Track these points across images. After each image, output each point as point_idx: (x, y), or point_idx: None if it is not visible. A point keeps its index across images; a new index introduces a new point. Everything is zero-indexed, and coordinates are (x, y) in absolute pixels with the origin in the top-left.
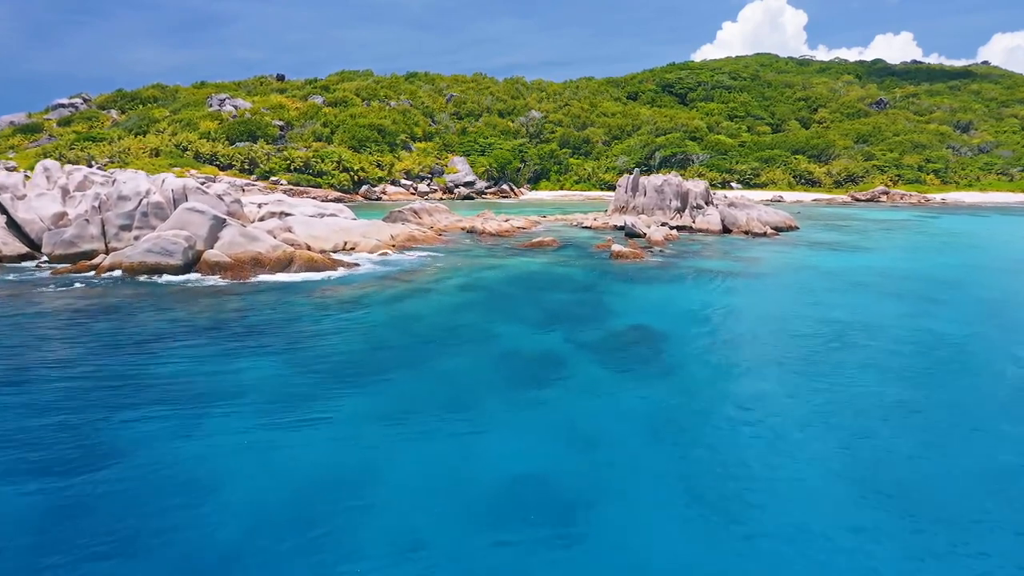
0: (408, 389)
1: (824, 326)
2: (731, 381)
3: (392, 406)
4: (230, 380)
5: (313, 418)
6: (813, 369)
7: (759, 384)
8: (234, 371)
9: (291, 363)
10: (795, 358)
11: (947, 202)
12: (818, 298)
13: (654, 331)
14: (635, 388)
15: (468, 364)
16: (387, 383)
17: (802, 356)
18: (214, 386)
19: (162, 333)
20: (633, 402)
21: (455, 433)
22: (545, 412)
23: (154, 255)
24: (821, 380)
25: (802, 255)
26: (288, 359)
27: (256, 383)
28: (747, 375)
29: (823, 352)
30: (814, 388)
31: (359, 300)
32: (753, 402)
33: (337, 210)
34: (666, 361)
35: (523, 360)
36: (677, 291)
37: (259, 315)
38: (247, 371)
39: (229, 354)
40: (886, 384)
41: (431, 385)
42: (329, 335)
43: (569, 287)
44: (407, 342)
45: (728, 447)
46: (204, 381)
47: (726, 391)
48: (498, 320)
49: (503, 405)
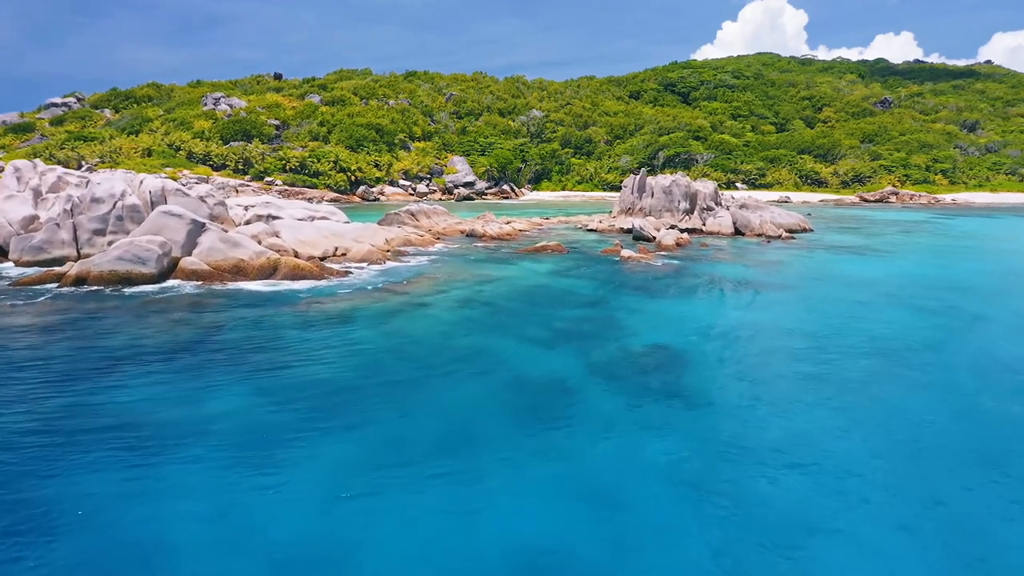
0: (398, 429)
1: (864, 346)
2: (768, 415)
3: (379, 451)
4: (193, 416)
5: (288, 468)
6: (860, 399)
7: (801, 419)
8: (199, 404)
9: (266, 394)
10: (837, 385)
11: (958, 203)
12: (850, 312)
13: (674, 353)
14: (658, 427)
15: (467, 396)
16: (374, 421)
17: (845, 383)
18: (174, 425)
19: (121, 357)
20: (657, 446)
21: (451, 490)
22: (556, 460)
23: (125, 263)
24: (872, 413)
25: (823, 261)
26: (263, 389)
27: (224, 420)
28: (785, 408)
29: (869, 378)
30: (865, 423)
31: (347, 315)
32: (797, 443)
33: (328, 212)
34: (691, 392)
35: (529, 391)
36: (696, 304)
37: (234, 333)
38: (214, 404)
39: (196, 382)
40: (950, 420)
41: (425, 424)
42: (311, 359)
43: (577, 299)
44: (398, 367)
45: (773, 503)
46: (163, 418)
47: (764, 429)
48: (500, 340)
49: (507, 451)
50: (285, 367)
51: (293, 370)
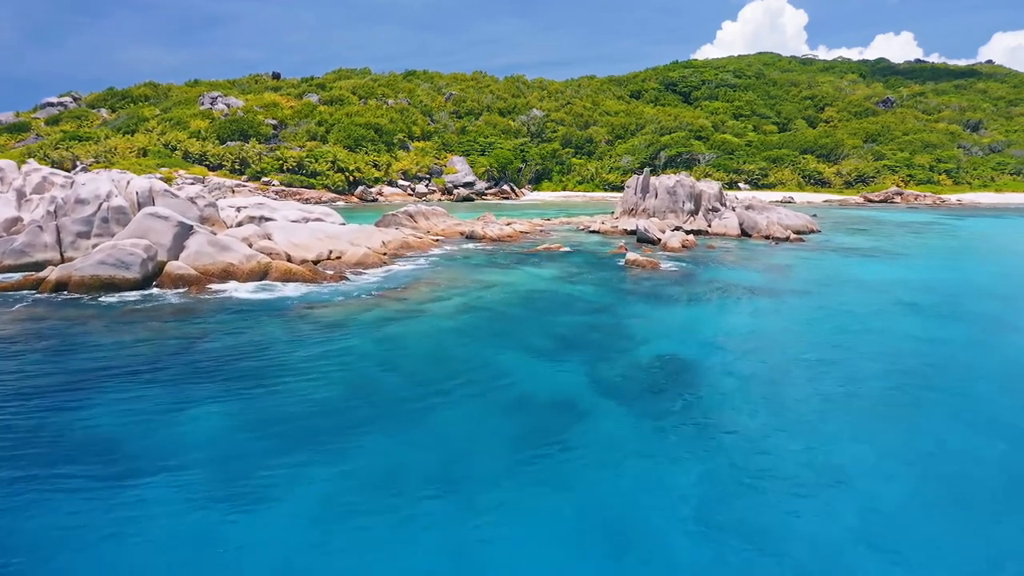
0: (390, 456)
1: (886, 359)
2: (788, 442)
3: (368, 483)
4: (169, 440)
5: (268, 502)
6: (888, 424)
7: (824, 448)
8: (176, 426)
9: (249, 414)
10: (861, 407)
11: (963, 203)
12: (869, 321)
13: (687, 365)
14: (671, 455)
15: (465, 417)
16: (365, 447)
17: (870, 404)
18: (147, 450)
19: (94, 372)
20: (670, 477)
21: (446, 528)
22: (560, 494)
23: (108, 268)
24: (902, 441)
25: (835, 265)
26: (245, 408)
27: (202, 445)
28: (807, 433)
29: (895, 398)
30: (896, 454)
31: (339, 324)
32: (822, 477)
33: (323, 214)
34: (705, 413)
35: (532, 411)
36: (706, 311)
37: (218, 345)
38: (192, 426)
39: (173, 401)
40: (988, 448)
41: (419, 450)
42: (299, 374)
43: (582, 305)
44: (392, 384)
45: (798, 550)
46: (135, 443)
47: (785, 458)
48: (501, 351)
49: (510, 481)
50: (270, 384)
51: (279, 387)
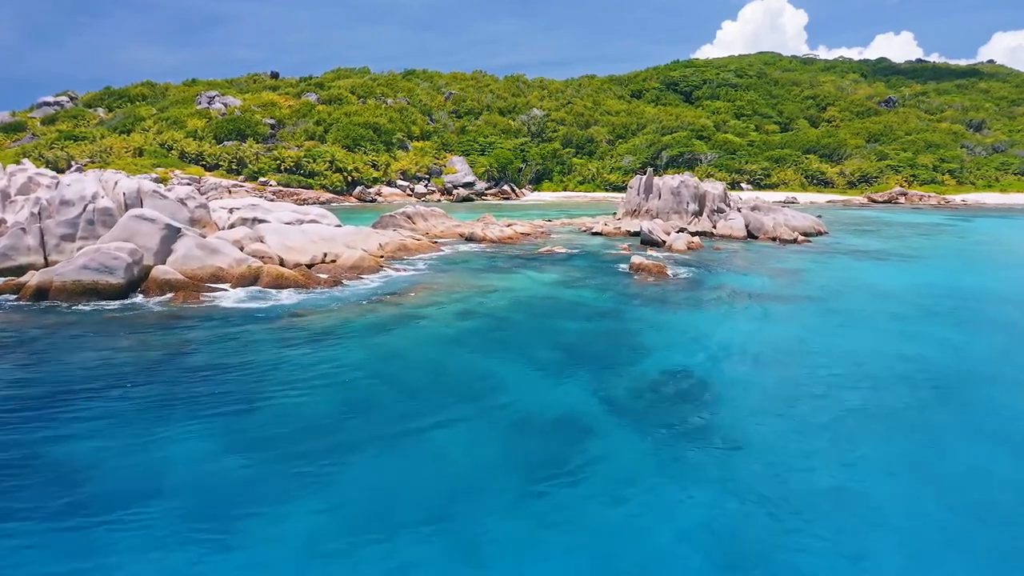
0: (384, 485)
1: (910, 371)
2: (814, 467)
3: (360, 516)
4: (146, 467)
5: (252, 538)
6: (918, 446)
7: (852, 472)
8: (154, 450)
9: (233, 437)
10: (888, 425)
11: (968, 204)
12: (889, 329)
13: (698, 380)
14: (686, 481)
15: (465, 439)
16: (357, 475)
17: (897, 422)
18: (121, 478)
19: (69, 388)
20: (686, 507)
21: (444, 572)
22: (573, 532)
23: (91, 272)
24: (939, 459)
25: (846, 268)
26: (228, 431)
27: (181, 472)
28: (832, 456)
29: (923, 415)
30: (935, 474)
31: (332, 333)
32: (852, 507)
33: (319, 215)
34: (722, 433)
35: (538, 431)
36: (717, 319)
37: (201, 357)
38: (172, 450)
39: (152, 421)
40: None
41: (415, 478)
42: (288, 389)
43: (586, 313)
44: (387, 402)
45: None
46: (109, 469)
47: (810, 486)
48: (503, 363)
49: (515, 519)
50: (255, 402)
51: (266, 405)
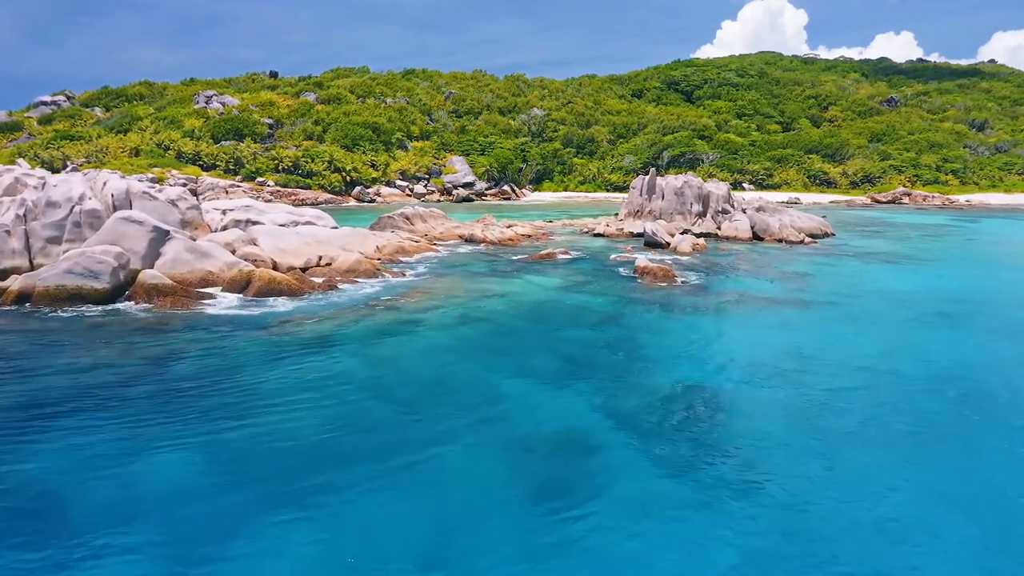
0: (378, 517)
1: (940, 385)
2: (841, 494)
3: (349, 549)
4: (124, 490)
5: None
6: (957, 464)
7: (891, 495)
8: (133, 472)
9: (215, 459)
10: (921, 441)
11: (972, 204)
12: (909, 338)
13: (711, 395)
14: (702, 510)
15: (465, 463)
16: (348, 504)
17: (932, 443)
18: (97, 503)
19: (44, 402)
20: (703, 543)
21: None
22: (578, 570)
23: (75, 277)
24: (973, 482)
25: (857, 272)
26: (212, 451)
27: (160, 497)
28: (862, 482)
29: (962, 436)
30: (970, 500)
31: (325, 342)
32: (897, 539)
33: (314, 217)
34: (740, 455)
35: (542, 454)
36: (728, 326)
37: (187, 368)
38: (152, 472)
39: (132, 439)
40: None
41: (412, 507)
42: (277, 404)
43: (590, 320)
44: (381, 418)
45: None
46: (85, 492)
47: (839, 516)
48: (504, 376)
49: (519, 560)
50: (242, 419)
51: (251, 424)
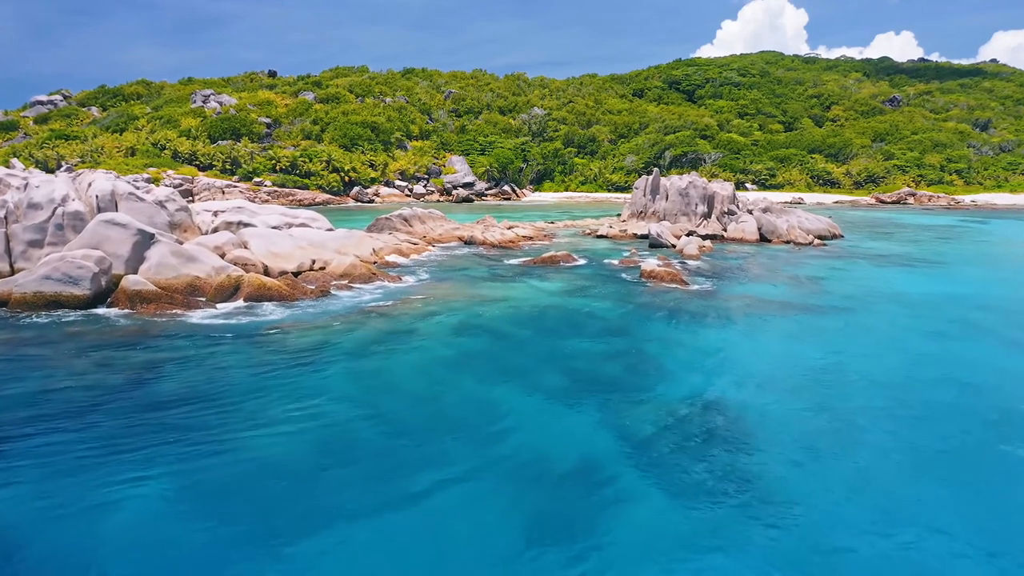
0: (367, 563)
1: (971, 403)
2: (887, 529)
3: None
4: (78, 532)
5: None
6: (1003, 499)
7: (935, 535)
8: (94, 509)
9: (187, 492)
10: (962, 470)
11: (978, 204)
12: (934, 350)
13: (729, 414)
14: (735, 554)
15: (463, 493)
16: (333, 545)
17: (972, 465)
18: (45, 547)
19: (3, 424)
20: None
21: None
22: None
23: (53, 284)
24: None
25: (872, 276)
26: (184, 482)
27: (120, 540)
28: (901, 510)
29: (1001, 459)
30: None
31: (315, 354)
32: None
33: (309, 218)
34: (765, 483)
35: (548, 482)
36: (742, 335)
37: (166, 383)
38: (112, 509)
39: (97, 468)
40: None
41: (404, 548)
42: (259, 426)
43: (597, 328)
44: (371, 443)
45: None
46: (31, 533)
47: (890, 558)
48: (505, 393)
49: None
50: (223, 445)
51: (233, 450)
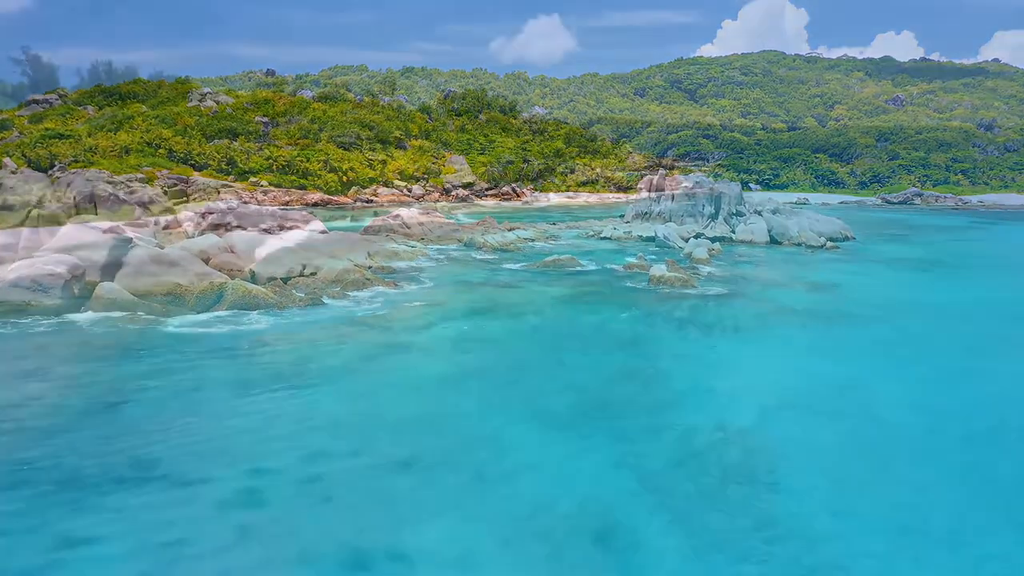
0: None
1: (1018, 427)
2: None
3: None
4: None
5: None
6: None
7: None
8: (43, 556)
9: (148, 538)
10: (1012, 508)
11: (986, 204)
12: (969, 368)
13: (752, 445)
14: None
15: (455, 552)
16: None
17: None
18: None
19: None
20: None
21: None
22: None
23: (22, 291)
24: None
25: (891, 281)
26: (146, 525)
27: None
28: (952, 558)
29: None
30: None
31: (301, 371)
32: None
33: (302, 220)
34: (797, 533)
35: (550, 534)
36: (760, 351)
37: (135, 406)
38: (65, 559)
39: (51, 510)
40: None
41: None
42: (233, 461)
43: (605, 340)
44: (356, 484)
45: None
46: None
47: None
48: (504, 417)
49: None
50: (191, 481)
51: (202, 488)
